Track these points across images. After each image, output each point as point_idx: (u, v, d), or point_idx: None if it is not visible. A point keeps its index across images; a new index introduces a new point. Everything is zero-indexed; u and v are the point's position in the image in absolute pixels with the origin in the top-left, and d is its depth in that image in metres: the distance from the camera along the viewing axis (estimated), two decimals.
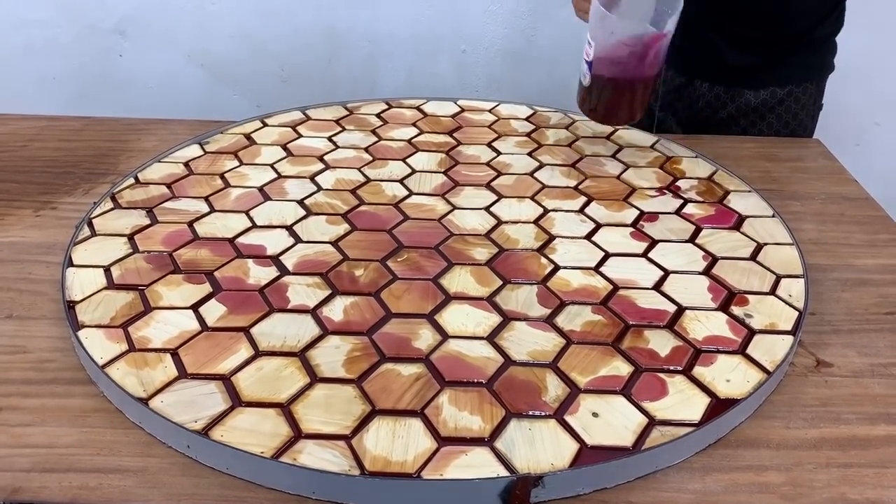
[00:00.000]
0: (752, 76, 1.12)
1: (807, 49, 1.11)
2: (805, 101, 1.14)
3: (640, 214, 0.86)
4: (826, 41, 1.14)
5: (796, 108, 1.13)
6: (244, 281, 0.73)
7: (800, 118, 1.14)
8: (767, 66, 1.11)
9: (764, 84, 1.12)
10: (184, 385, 0.60)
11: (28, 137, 1.06)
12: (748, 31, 1.09)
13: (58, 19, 1.66)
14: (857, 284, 0.78)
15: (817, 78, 1.15)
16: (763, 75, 1.12)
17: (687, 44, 1.13)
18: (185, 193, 0.88)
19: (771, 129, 1.14)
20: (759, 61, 1.11)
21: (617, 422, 0.58)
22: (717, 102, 1.14)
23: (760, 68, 1.11)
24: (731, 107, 1.14)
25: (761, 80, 1.12)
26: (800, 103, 1.13)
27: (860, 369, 0.67)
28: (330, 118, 1.08)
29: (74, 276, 0.73)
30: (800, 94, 1.13)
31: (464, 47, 1.67)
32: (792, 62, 1.11)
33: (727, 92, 1.13)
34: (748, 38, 1.10)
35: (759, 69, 1.11)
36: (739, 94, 1.13)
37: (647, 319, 0.69)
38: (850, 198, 0.95)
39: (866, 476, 0.56)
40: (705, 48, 1.12)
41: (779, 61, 1.11)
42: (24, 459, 0.56)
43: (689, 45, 1.13)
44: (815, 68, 1.14)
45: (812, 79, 1.14)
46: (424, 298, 0.71)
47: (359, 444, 0.55)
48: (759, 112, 1.13)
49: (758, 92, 1.12)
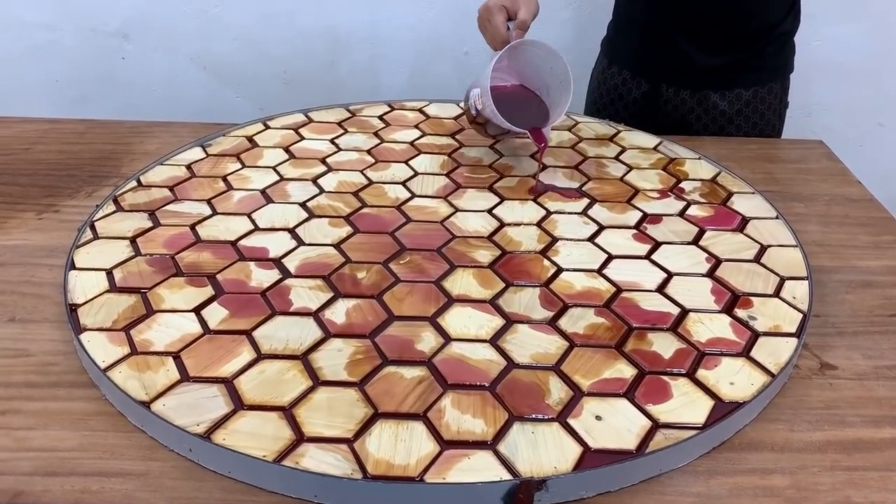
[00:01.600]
0: (717, 79, 1.13)
1: (768, 49, 1.13)
2: (771, 101, 1.15)
3: (643, 216, 0.85)
4: (786, 41, 1.15)
5: (763, 109, 1.14)
6: (246, 284, 0.73)
7: (767, 118, 1.16)
8: (732, 68, 1.13)
9: (729, 86, 1.13)
10: (186, 388, 0.60)
11: (31, 140, 1.06)
12: (709, 32, 1.11)
13: (61, 22, 1.66)
14: (861, 286, 0.78)
15: (780, 78, 1.16)
16: (728, 78, 1.13)
17: (650, 49, 1.14)
18: (188, 196, 0.88)
19: (740, 130, 1.15)
20: (722, 63, 1.12)
21: (620, 425, 0.58)
22: (685, 107, 1.15)
23: (725, 71, 1.13)
24: (699, 110, 1.15)
25: (727, 83, 1.13)
26: (766, 103, 1.15)
27: (865, 372, 0.67)
28: (332, 120, 1.08)
29: (77, 279, 0.73)
30: (765, 94, 1.14)
31: (466, 49, 1.67)
32: (755, 64, 1.13)
33: (693, 96, 1.14)
34: (711, 41, 1.11)
35: (724, 71, 1.13)
36: (706, 97, 1.14)
37: (650, 322, 0.69)
38: (853, 199, 0.95)
39: (871, 479, 0.56)
40: (669, 53, 1.14)
41: (743, 63, 1.12)
42: (27, 463, 0.56)
43: (653, 51, 1.14)
44: (778, 69, 1.16)
45: (776, 79, 1.16)
46: (427, 301, 0.71)
47: (361, 448, 0.55)
48: (727, 115, 1.14)
49: (724, 94, 1.13)
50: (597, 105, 1.25)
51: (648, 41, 1.15)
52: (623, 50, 1.20)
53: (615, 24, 1.23)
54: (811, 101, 1.69)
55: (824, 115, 1.70)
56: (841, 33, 1.62)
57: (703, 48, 1.11)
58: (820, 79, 1.66)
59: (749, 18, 1.10)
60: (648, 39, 1.15)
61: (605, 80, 1.22)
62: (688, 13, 1.10)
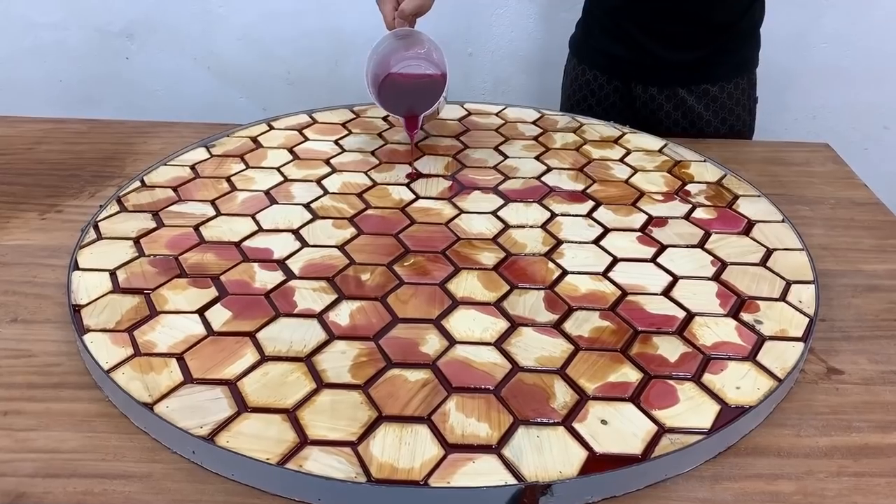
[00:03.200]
0: (685, 75, 1.14)
1: (732, 44, 1.14)
2: (738, 96, 1.16)
3: (648, 219, 0.85)
4: (750, 35, 1.16)
5: (731, 104, 1.15)
6: (250, 285, 0.72)
7: (736, 113, 1.17)
8: (697, 64, 1.13)
9: (696, 82, 1.14)
10: (189, 390, 0.60)
11: (34, 140, 1.06)
12: (672, 29, 1.11)
13: (65, 22, 1.66)
14: (867, 290, 0.78)
15: (747, 73, 1.17)
16: (694, 74, 1.14)
17: (616, 48, 1.15)
18: (192, 197, 0.88)
19: (710, 126, 1.16)
20: (687, 60, 1.13)
21: (626, 429, 0.57)
22: (654, 104, 1.16)
23: (690, 67, 1.14)
24: (668, 106, 1.16)
25: (693, 79, 1.14)
26: (733, 99, 1.15)
27: (871, 376, 0.66)
28: (336, 121, 1.08)
29: (80, 280, 0.72)
30: (732, 89, 1.15)
31: (470, 50, 1.66)
32: (720, 59, 1.14)
33: (661, 92, 1.15)
34: (674, 37, 1.12)
35: (690, 68, 1.14)
36: (674, 93, 1.15)
37: (655, 325, 0.68)
38: (859, 202, 0.94)
39: (878, 485, 0.56)
40: (636, 50, 1.14)
41: (707, 59, 1.13)
42: (29, 464, 0.56)
43: (618, 50, 1.15)
44: (744, 63, 1.17)
45: (742, 73, 1.16)
46: (431, 303, 0.70)
47: (365, 451, 0.55)
48: (696, 111, 1.15)
49: (691, 90, 1.14)
50: (570, 102, 1.26)
51: (613, 40, 1.16)
52: (590, 49, 1.21)
53: (582, 23, 1.25)
54: (816, 104, 1.69)
55: (829, 119, 1.70)
56: (847, 36, 1.61)
57: (667, 45, 1.12)
58: (825, 82, 1.66)
59: (710, 12, 1.11)
60: (613, 38, 1.16)
61: (576, 78, 1.24)
62: (649, 11, 1.11)
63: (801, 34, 1.61)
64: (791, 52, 1.63)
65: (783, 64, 1.64)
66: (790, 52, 1.63)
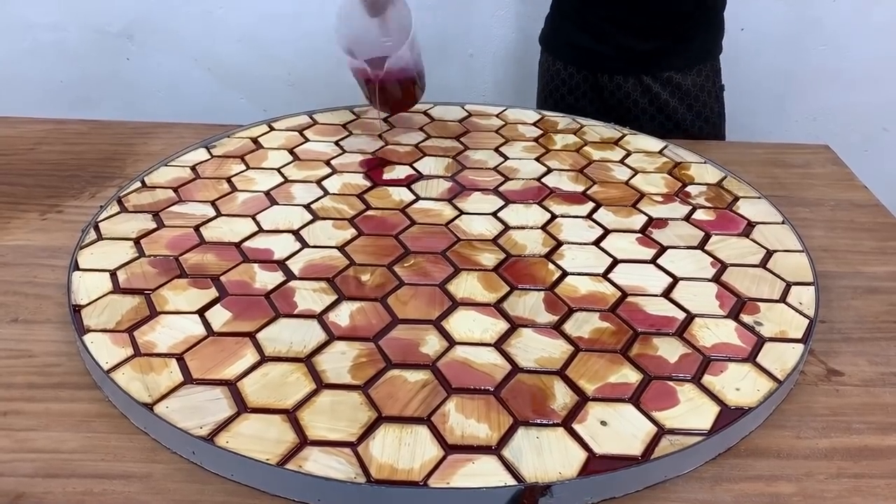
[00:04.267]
0: (651, 63, 1.16)
1: (696, 31, 1.16)
2: (703, 83, 1.18)
3: (648, 220, 0.85)
4: (712, 21, 1.18)
5: (696, 91, 1.18)
6: (250, 286, 0.72)
7: (702, 100, 1.19)
8: (661, 52, 1.16)
9: (662, 69, 1.16)
10: (189, 390, 0.60)
11: (35, 140, 1.06)
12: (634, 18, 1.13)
13: (65, 23, 1.66)
14: (867, 292, 0.78)
15: (710, 59, 1.19)
16: (658, 62, 1.16)
17: (584, 38, 1.16)
18: (192, 197, 0.88)
19: (677, 113, 1.18)
20: (651, 48, 1.15)
21: (626, 430, 0.57)
22: (621, 92, 1.18)
23: (655, 55, 1.16)
24: (636, 95, 1.17)
25: (658, 67, 1.16)
26: (698, 86, 1.18)
27: (871, 378, 0.66)
28: (337, 122, 1.08)
29: (80, 280, 0.72)
30: (695, 76, 1.17)
31: (471, 51, 1.66)
32: (683, 46, 1.16)
33: (627, 81, 1.17)
34: (638, 25, 1.14)
35: (654, 56, 1.16)
36: (641, 82, 1.16)
37: (655, 327, 0.68)
38: (859, 204, 0.94)
39: (878, 487, 0.56)
40: (602, 41, 1.16)
41: (670, 47, 1.15)
42: (28, 465, 0.56)
43: (587, 40, 1.16)
44: (707, 50, 1.19)
45: (705, 60, 1.19)
46: (431, 304, 0.70)
47: (365, 452, 0.55)
48: (662, 98, 1.17)
49: (656, 78, 1.16)
50: (544, 94, 1.28)
51: (579, 31, 1.18)
52: (558, 42, 1.22)
53: (550, 17, 1.26)
54: (816, 106, 1.69)
55: (829, 120, 1.70)
56: (845, 38, 1.62)
57: (630, 34, 1.14)
58: (824, 84, 1.66)
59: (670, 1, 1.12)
60: (579, 29, 1.18)
61: (548, 70, 1.25)
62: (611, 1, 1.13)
63: (800, 37, 1.61)
64: (790, 54, 1.63)
65: (783, 67, 1.64)
66: (790, 55, 1.63)
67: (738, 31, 1.60)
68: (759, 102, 1.67)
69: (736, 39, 1.60)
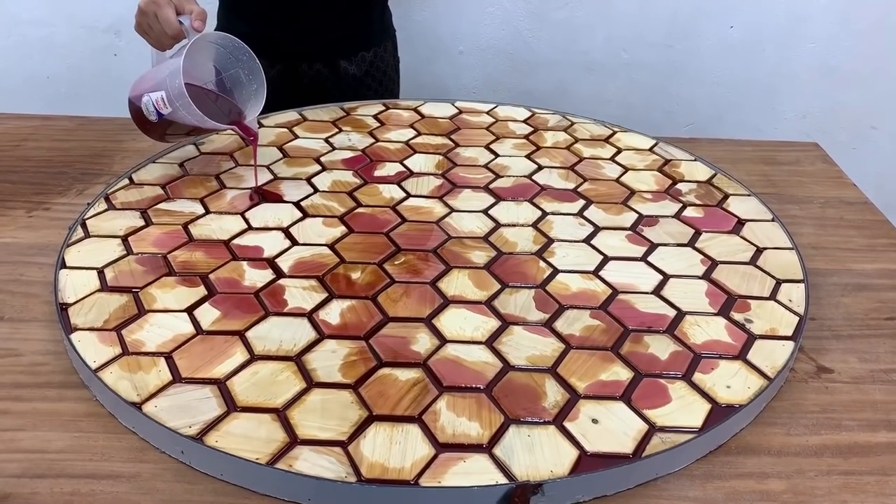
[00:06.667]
0: (341, 46, 1.20)
1: (376, 13, 1.23)
2: (388, 59, 1.26)
3: (639, 218, 0.85)
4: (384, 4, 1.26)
5: (384, 67, 1.25)
6: (239, 283, 0.72)
7: (388, 75, 1.27)
8: (352, 36, 1.20)
9: (354, 51, 1.21)
10: (178, 389, 0.59)
11: (21, 137, 1.05)
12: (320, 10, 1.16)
13: (52, 19, 1.65)
14: (856, 289, 0.78)
15: (391, 36, 1.28)
16: (352, 44, 1.20)
17: (275, 32, 1.17)
18: (180, 194, 0.87)
19: (370, 90, 1.23)
20: (344, 34, 1.19)
21: (617, 428, 0.57)
22: (320, 78, 1.20)
23: (348, 38, 1.20)
24: (334, 78, 1.20)
25: (350, 48, 1.21)
26: (385, 62, 1.25)
27: (861, 375, 0.66)
28: (327, 119, 1.08)
29: (67, 278, 0.72)
30: (382, 52, 1.25)
31: (461, 48, 1.66)
32: (369, 27, 1.22)
33: (325, 66, 1.20)
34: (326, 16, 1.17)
35: (347, 39, 1.20)
36: (336, 65, 1.20)
37: (646, 324, 0.68)
38: (849, 202, 0.95)
39: (868, 484, 0.56)
40: (288, 32, 1.17)
41: (359, 28, 1.21)
42: (15, 465, 0.55)
43: (277, 34, 1.17)
44: (386, 28, 1.27)
45: (387, 38, 1.27)
46: (422, 302, 0.70)
47: (355, 451, 0.54)
48: (357, 77, 1.22)
49: (351, 59, 1.21)
50: None
51: (272, 25, 1.17)
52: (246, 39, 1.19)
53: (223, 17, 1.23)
54: (805, 104, 1.69)
55: (818, 118, 1.70)
56: (835, 37, 1.62)
57: (324, 24, 1.17)
58: (813, 82, 1.66)
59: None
60: (271, 24, 1.17)
61: None
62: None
63: (790, 35, 1.62)
64: (780, 52, 1.63)
65: (773, 64, 1.64)
66: (779, 53, 1.63)
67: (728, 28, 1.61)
68: (749, 100, 1.68)
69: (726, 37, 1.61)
